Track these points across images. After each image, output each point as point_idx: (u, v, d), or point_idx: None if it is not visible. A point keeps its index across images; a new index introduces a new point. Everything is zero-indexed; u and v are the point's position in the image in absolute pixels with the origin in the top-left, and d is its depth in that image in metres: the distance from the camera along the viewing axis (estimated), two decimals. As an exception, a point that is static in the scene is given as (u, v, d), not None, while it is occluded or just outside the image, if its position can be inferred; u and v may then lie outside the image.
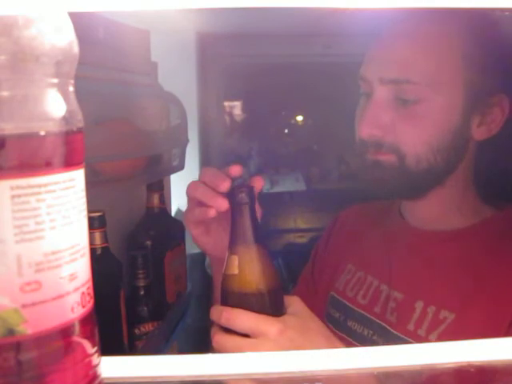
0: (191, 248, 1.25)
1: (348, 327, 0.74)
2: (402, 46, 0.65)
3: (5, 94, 0.24)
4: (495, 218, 0.70)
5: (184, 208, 0.67)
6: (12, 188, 0.24)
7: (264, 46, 1.56)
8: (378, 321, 0.71)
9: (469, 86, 0.64)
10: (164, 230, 0.96)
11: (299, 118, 2.64)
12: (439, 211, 0.71)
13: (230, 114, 2.66)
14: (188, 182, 0.63)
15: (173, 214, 1.33)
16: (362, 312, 0.73)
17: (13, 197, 0.24)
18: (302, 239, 1.82)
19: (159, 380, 0.33)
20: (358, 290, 0.75)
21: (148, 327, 0.85)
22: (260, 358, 0.36)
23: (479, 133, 0.67)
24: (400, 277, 0.71)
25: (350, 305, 0.75)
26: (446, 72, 0.64)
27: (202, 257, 1.47)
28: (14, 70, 0.24)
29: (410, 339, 0.66)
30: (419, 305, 0.67)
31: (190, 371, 0.34)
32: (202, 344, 0.64)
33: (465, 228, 0.70)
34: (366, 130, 0.66)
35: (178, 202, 1.61)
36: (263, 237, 0.55)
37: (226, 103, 2.64)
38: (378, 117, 0.65)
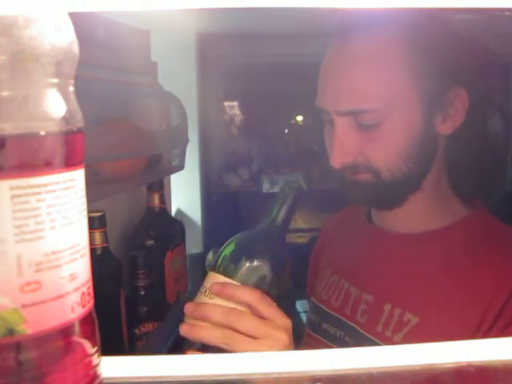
0: (191, 248, 1.25)
1: (323, 329, 0.76)
2: (352, 75, 0.65)
3: (5, 94, 0.24)
4: (469, 218, 0.70)
5: (184, 208, 0.67)
6: (12, 188, 0.24)
7: (264, 46, 1.56)
8: (348, 322, 0.72)
9: (423, 93, 0.65)
10: (164, 230, 0.96)
11: (299, 118, 2.64)
12: (414, 215, 0.71)
13: (230, 114, 2.66)
14: (188, 182, 0.64)
15: (173, 214, 1.33)
16: (335, 314, 0.75)
17: (13, 197, 0.24)
18: (302, 239, 1.82)
19: (159, 380, 0.33)
20: (332, 293, 0.77)
21: (148, 327, 0.85)
22: (260, 358, 0.36)
23: (445, 128, 0.67)
24: (370, 280, 0.73)
25: (325, 307, 0.77)
26: (399, 89, 0.64)
27: (201, 257, 1.47)
28: (14, 70, 0.24)
29: (378, 340, 0.67)
30: (387, 307, 0.68)
31: (189, 371, 0.34)
32: (202, 344, 0.64)
33: (438, 229, 0.70)
34: (337, 161, 0.66)
35: (177, 202, 1.61)
36: None
37: (226, 103, 2.64)
38: (345, 146, 0.66)
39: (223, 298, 0.58)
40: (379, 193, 0.68)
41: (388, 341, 0.66)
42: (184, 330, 0.58)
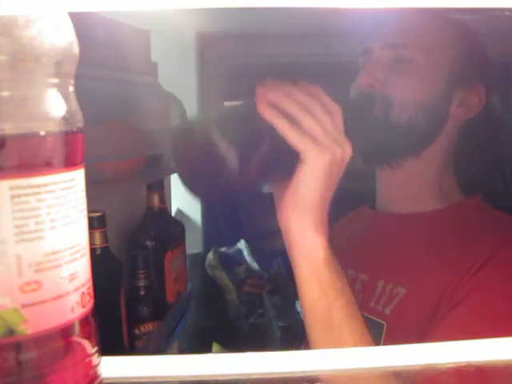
0: (191, 248, 1.25)
1: None
2: (402, 18, 0.74)
3: (5, 93, 0.24)
4: (461, 205, 0.76)
5: (184, 208, 0.67)
6: (12, 188, 0.24)
7: (264, 46, 1.56)
8: None
9: (454, 64, 0.73)
10: (164, 230, 0.96)
11: (299, 118, 2.63)
12: (410, 190, 0.76)
13: (230, 114, 2.66)
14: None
15: (173, 213, 1.32)
16: None
17: (13, 197, 0.24)
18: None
19: (159, 380, 0.33)
20: None
21: (148, 327, 0.85)
22: (260, 358, 0.36)
23: (457, 112, 0.74)
24: (365, 260, 0.77)
25: None
26: (438, 46, 0.73)
27: (202, 257, 1.47)
28: (14, 70, 0.24)
29: (369, 315, 0.71)
30: (380, 284, 0.73)
31: (189, 371, 0.34)
32: (201, 344, 0.64)
33: (430, 211, 0.75)
34: (364, 80, 0.73)
35: (177, 202, 1.61)
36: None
37: (227, 103, 2.63)
38: (376, 71, 0.73)
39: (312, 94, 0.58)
40: (382, 136, 0.71)
41: (379, 314, 0.70)
42: (266, 111, 0.56)
